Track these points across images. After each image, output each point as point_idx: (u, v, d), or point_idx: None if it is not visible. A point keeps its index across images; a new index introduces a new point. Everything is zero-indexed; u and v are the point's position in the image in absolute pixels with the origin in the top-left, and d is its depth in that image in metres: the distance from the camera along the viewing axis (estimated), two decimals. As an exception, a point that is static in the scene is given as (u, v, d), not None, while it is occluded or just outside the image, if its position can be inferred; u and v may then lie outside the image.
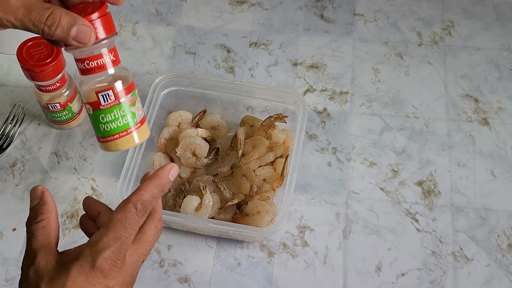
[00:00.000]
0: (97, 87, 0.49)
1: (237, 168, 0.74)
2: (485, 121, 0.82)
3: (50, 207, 0.50)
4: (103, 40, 0.48)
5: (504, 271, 0.71)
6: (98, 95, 0.49)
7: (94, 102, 0.50)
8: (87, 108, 0.51)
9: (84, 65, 0.49)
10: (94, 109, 0.50)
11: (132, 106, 0.51)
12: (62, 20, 0.46)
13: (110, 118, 0.50)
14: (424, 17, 0.92)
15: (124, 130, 0.51)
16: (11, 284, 0.70)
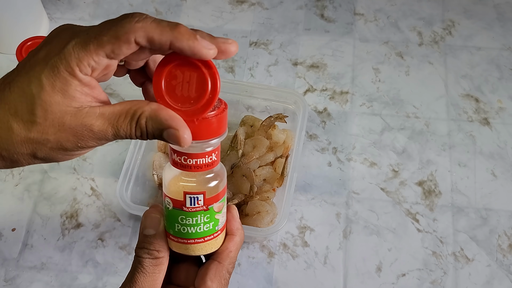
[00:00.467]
0: (186, 186, 0.43)
1: (237, 168, 0.74)
2: (485, 121, 0.82)
3: (165, 244, 0.46)
4: (213, 139, 0.41)
5: (504, 271, 0.71)
6: (186, 196, 0.43)
7: (178, 201, 0.43)
8: (166, 202, 0.44)
9: (181, 160, 0.42)
10: (176, 207, 0.44)
11: (218, 213, 0.45)
12: (149, 128, 0.42)
13: (191, 222, 0.44)
14: (425, 17, 0.92)
15: (201, 237, 0.45)
16: (10, 285, 0.70)
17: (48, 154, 0.43)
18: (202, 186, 0.43)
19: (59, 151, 0.43)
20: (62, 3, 0.94)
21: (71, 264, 0.72)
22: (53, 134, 0.42)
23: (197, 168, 0.42)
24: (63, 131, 0.42)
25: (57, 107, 0.42)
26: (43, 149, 0.43)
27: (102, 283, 0.70)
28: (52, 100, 0.41)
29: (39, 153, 0.43)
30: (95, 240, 0.73)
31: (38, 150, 0.43)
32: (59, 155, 0.43)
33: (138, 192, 0.74)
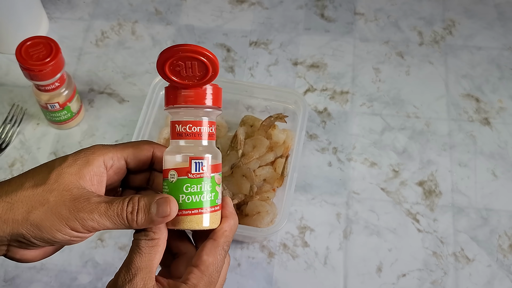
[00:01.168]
0: (191, 153, 0.47)
1: (237, 168, 0.74)
2: (486, 121, 0.82)
3: (163, 227, 0.48)
4: (214, 108, 0.47)
5: (505, 271, 0.71)
6: (192, 162, 0.46)
7: (184, 168, 0.46)
8: (170, 175, 0.47)
9: (185, 129, 0.47)
10: (180, 176, 0.46)
11: (218, 185, 0.48)
12: (141, 202, 0.47)
13: (195, 190, 0.47)
14: (425, 17, 0.92)
15: (205, 207, 0.47)
16: (10, 285, 0.70)
17: (42, 217, 0.46)
18: (206, 151, 0.47)
19: (54, 216, 0.46)
20: (62, 2, 0.94)
21: (71, 264, 0.71)
22: (54, 197, 0.46)
23: (200, 135, 0.47)
24: (63, 196, 0.46)
25: (69, 177, 0.47)
26: (39, 208, 0.46)
27: (101, 283, 0.70)
28: (68, 171, 0.47)
29: (34, 213, 0.46)
30: (94, 240, 0.73)
31: (34, 209, 0.46)
32: (52, 222, 0.46)
33: (137, 192, 0.74)
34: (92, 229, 0.46)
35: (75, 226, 0.46)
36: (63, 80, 0.75)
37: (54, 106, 0.77)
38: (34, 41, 0.73)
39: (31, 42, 0.73)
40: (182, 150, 0.47)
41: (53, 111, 0.77)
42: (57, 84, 0.74)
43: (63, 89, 0.76)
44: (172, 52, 0.45)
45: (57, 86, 0.74)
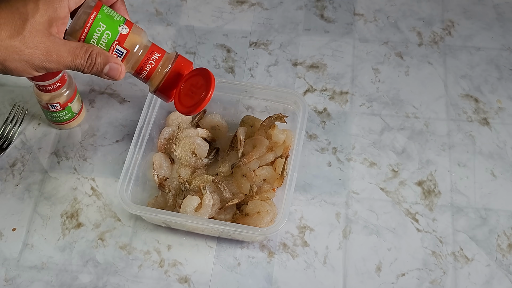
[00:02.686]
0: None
1: (237, 168, 0.74)
2: (485, 121, 0.82)
3: None
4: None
5: (504, 271, 0.71)
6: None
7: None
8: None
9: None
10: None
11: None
12: (98, 60, 0.57)
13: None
14: (424, 17, 0.92)
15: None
16: (11, 284, 0.70)
17: (16, 65, 0.54)
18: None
19: (27, 64, 0.54)
20: None
21: (72, 264, 0.72)
22: (29, 48, 0.54)
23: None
24: (38, 48, 0.54)
25: (42, 28, 0.54)
26: (14, 57, 0.54)
27: (102, 282, 0.70)
28: (41, 21, 0.54)
29: (8, 61, 0.54)
30: (95, 240, 0.73)
31: (10, 58, 0.53)
32: (24, 68, 0.55)
33: (138, 192, 0.74)
34: (52, 71, 0.57)
35: (40, 72, 0.56)
36: (64, 80, 0.75)
37: (55, 106, 0.77)
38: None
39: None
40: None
41: (54, 111, 0.78)
42: (58, 84, 0.74)
43: (64, 89, 0.76)
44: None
45: (58, 86, 0.75)
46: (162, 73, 0.62)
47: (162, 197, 0.75)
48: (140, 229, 0.74)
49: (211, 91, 0.61)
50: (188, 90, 0.63)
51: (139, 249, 0.73)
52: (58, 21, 0.55)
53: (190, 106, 0.63)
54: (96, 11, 0.58)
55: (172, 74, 0.62)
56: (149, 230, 0.74)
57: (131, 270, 0.71)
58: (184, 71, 0.63)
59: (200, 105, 0.62)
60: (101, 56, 0.57)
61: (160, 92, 0.64)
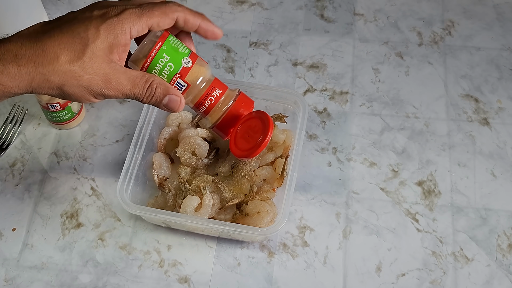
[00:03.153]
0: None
1: (237, 168, 0.74)
2: (485, 121, 0.82)
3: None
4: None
5: (504, 271, 0.71)
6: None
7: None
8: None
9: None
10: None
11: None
12: (157, 91, 0.56)
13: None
14: (425, 17, 0.92)
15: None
16: (10, 284, 0.70)
17: (74, 90, 0.53)
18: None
19: (85, 90, 0.53)
20: (63, 3, 0.94)
21: (71, 264, 0.72)
22: (88, 74, 0.52)
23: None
24: (97, 75, 0.53)
25: (102, 54, 0.52)
26: (73, 83, 0.52)
27: (102, 282, 0.70)
28: (101, 47, 0.52)
29: (67, 86, 0.52)
30: (95, 240, 0.73)
31: (68, 83, 0.52)
32: (82, 94, 0.54)
33: (138, 192, 0.74)
34: (109, 98, 0.55)
35: (98, 98, 0.55)
36: (64, 80, 0.75)
37: (55, 106, 0.77)
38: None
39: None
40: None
41: (54, 111, 0.78)
42: (58, 84, 0.74)
43: (63, 89, 0.76)
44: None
45: (58, 86, 0.75)
46: (222, 110, 0.61)
47: (162, 197, 0.75)
48: (140, 229, 0.74)
49: (269, 136, 0.61)
50: (244, 133, 0.64)
51: (139, 249, 0.73)
52: (119, 48, 0.53)
53: (246, 150, 0.63)
54: (162, 41, 0.57)
55: (232, 112, 0.62)
56: (149, 230, 0.74)
57: (131, 270, 0.71)
58: (244, 110, 0.63)
59: (257, 150, 0.62)
60: (161, 87, 0.56)
61: (217, 129, 0.63)
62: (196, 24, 0.57)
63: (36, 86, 0.52)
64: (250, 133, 0.63)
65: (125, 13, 0.53)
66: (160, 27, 0.56)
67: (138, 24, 0.53)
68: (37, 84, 0.52)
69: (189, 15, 0.57)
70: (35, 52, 0.51)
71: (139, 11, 0.54)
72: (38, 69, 0.51)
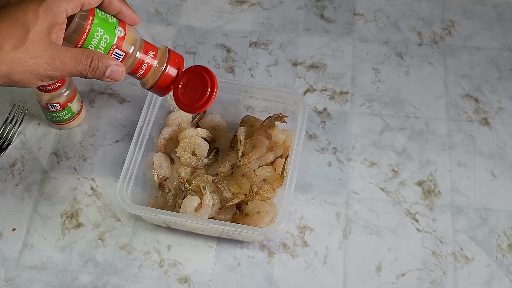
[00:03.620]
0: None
1: (237, 168, 0.74)
2: (485, 121, 0.82)
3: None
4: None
5: (504, 271, 0.71)
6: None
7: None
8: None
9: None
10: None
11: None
12: (100, 64, 0.58)
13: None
14: (424, 17, 0.92)
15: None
16: (10, 284, 0.70)
17: (21, 76, 0.54)
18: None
19: (31, 75, 0.54)
20: (62, 3, 0.94)
21: (71, 264, 0.72)
22: (33, 58, 0.53)
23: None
24: (41, 58, 0.54)
25: (43, 37, 0.53)
26: (19, 69, 0.53)
27: (102, 282, 0.70)
28: (42, 30, 0.53)
29: (14, 74, 0.53)
30: (95, 240, 0.73)
31: (15, 70, 0.53)
32: (29, 79, 0.55)
33: (138, 192, 0.74)
34: (56, 79, 0.59)
35: (44, 80, 0.56)
36: (64, 80, 0.75)
37: (55, 106, 0.77)
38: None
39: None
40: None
41: (54, 111, 0.78)
42: (57, 84, 0.74)
43: (63, 89, 0.76)
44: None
45: (58, 86, 0.75)
46: (160, 70, 0.63)
47: (162, 197, 0.75)
48: (140, 229, 0.74)
49: (215, 90, 0.63)
50: (188, 88, 0.64)
51: (139, 249, 0.73)
52: (56, 27, 0.55)
53: (191, 105, 0.64)
54: (92, 15, 0.58)
55: (168, 70, 0.63)
56: (149, 230, 0.74)
57: (131, 270, 0.71)
58: (177, 65, 0.64)
59: (205, 105, 0.63)
60: (102, 60, 0.58)
61: (156, 89, 0.65)
62: (118, 7, 0.60)
63: None
64: (194, 88, 0.64)
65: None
66: (91, 5, 0.58)
67: (73, 2, 0.55)
68: None
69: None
70: None
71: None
72: None
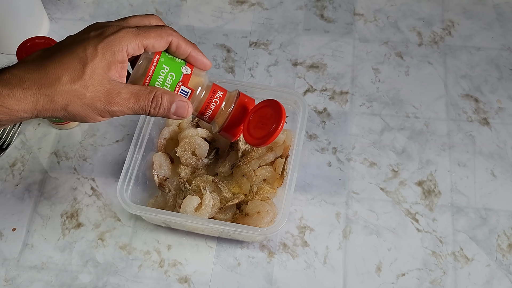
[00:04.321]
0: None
1: (237, 168, 0.74)
2: (485, 121, 0.82)
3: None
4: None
5: (504, 271, 0.71)
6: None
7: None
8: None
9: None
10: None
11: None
12: (164, 100, 0.57)
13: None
14: (424, 17, 0.92)
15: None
16: (11, 284, 0.70)
17: (78, 109, 0.54)
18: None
19: (89, 109, 0.54)
20: (62, 3, 0.95)
21: (71, 264, 0.72)
22: (90, 92, 0.54)
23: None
24: (98, 92, 0.54)
25: (102, 72, 0.54)
26: (77, 102, 0.54)
27: (102, 282, 0.70)
28: (100, 65, 0.54)
29: (71, 106, 0.54)
30: (95, 240, 0.73)
31: (72, 103, 0.54)
32: (86, 113, 0.55)
33: (138, 192, 0.74)
34: (117, 116, 0.56)
35: (105, 116, 0.56)
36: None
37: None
38: (35, 42, 0.73)
39: (32, 43, 0.73)
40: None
41: (54, 111, 0.78)
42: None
43: (64, 89, 0.76)
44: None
45: (58, 86, 0.75)
46: (227, 111, 0.62)
47: (162, 197, 0.75)
48: (140, 229, 0.74)
49: (283, 122, 0.61)
50: (257, 122, 0.63)
51: (139, 249, 0.73)
52: (117, 65, 0.55)
53: (260, 138, 0.62)
54: (158, 55, 0.58)
55: (236, 112, 0.62)
56: (149, 230, 0.74)
57: (131, 270, 0.71)
58: (247, 107, 0.63)
59: (272, 137, 0.61)
60: (166, 96, 0.57)
61: (224, 131, 0.63)
62: (187, 51, 0.59)
63: (41, 108, 0.53)
64: (263, 120, 0.63)
65: (122, 31, 0.55)
66: (155, 48, 0.57)
67: (134, 42, 0.55)
68: (42, 106, 0.53)
69: (182, 41, 0.58)
70: (38, 75, 0.53)
71: (136, 31, 0.55)
72: (41, 91, 0.52)
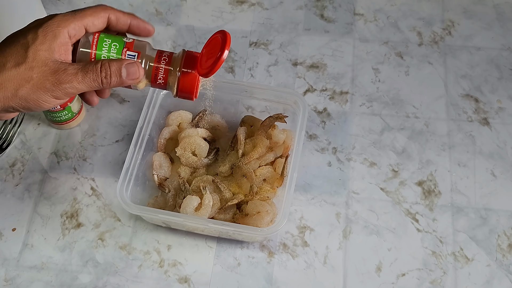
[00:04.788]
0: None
1: (237, 168, 0.74)
2: (485, 121, 0.82)
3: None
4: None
5: (504, 271, 0.71)
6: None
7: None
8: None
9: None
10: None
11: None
12: (112, 68, 0.56)
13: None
14: (425, 17, 0.92)
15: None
16: (10, 284, 0.70)
17: (29, 92, 0.54)
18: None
19: (39, 91, 0.54)
20: (62, 3, 0.94)
21: (71, 264, 0.72)
22: (37, 73, 0.54)
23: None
24: (45, 72, 0.54)
25: (45, 53, 0.54)
26: (26, 85, 0.54)
27: (102, 282, 0.70)
28: (42, 47, 0.54)
29: (21, 90, 0.54)
30: (95, 240, 0.73)
31: (21, 86, 0.54)
32: (38, 96, 0.55)
33: (138, 192, 0.74)
34: (71, 95, 0.56)
35: (58, 95, 0.55)
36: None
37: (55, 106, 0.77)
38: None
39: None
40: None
41: (54, 111, 0.78)
42: (57, 84, 0.74)
43: (63, 89, 0.76)
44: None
45: (58, 86, 0.75)
46: (176, 69, 0.60)
47: (162, 197, 0.75)
48: (140, 229, 0.74)
49: (227, 46, 0.61)
50: (208, 54, 0.62)
51: (139, 249, 0.73)
52: (60, 48, 0.55)
53: (208, 67, 0.60)
54: (98, 32, 0.59)
55: (186, 66, 0.61)
56: (149, 230, 0.74)
57: (131, 270, 0.71)
58: (196, 62, 0.62)
59: (218, 63, 0.59)
60: (113, 62, 0.57)
61: (182, 92, 0.62)
62: (127, 22, 0.60)
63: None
64: (212, 51, 0.62)
65: (58, 16, 0.57)
66: (96, 26, 0.58)
67: (73, 24, 0.56)
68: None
69: (119, 13, 0.59)
70: None
71: (71, 13, 0.57)
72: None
